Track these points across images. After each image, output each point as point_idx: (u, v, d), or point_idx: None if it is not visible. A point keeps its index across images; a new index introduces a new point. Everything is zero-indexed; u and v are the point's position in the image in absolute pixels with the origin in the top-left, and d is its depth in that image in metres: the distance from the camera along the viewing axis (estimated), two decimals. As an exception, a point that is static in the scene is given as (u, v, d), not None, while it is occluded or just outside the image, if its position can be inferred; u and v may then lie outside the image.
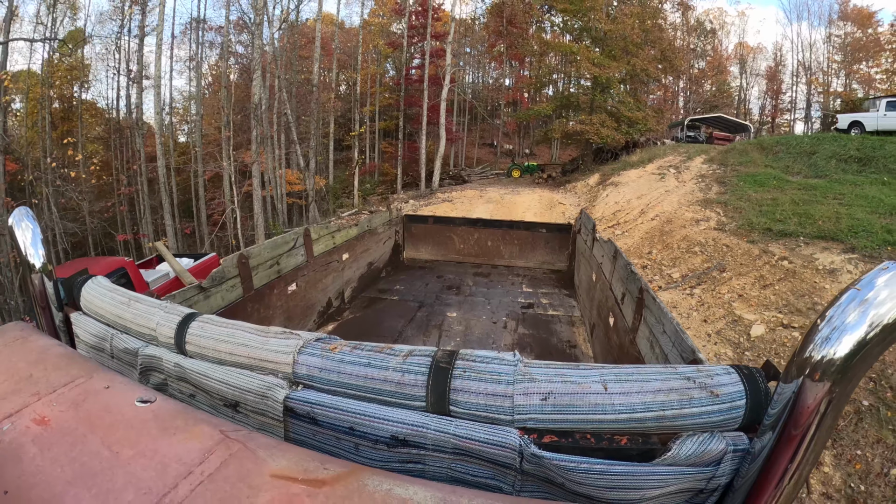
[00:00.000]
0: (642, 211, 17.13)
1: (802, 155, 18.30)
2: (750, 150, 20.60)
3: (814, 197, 13.16)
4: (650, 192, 18.98)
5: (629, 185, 21.44)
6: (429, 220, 8.59)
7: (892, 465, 5.07)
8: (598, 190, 23.82)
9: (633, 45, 34.35)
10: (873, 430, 5.43)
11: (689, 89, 57.55)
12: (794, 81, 56.19)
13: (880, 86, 48.21)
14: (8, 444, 1.04)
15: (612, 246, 3.84)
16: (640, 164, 24.12)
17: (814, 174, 16.19)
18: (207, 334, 1.39)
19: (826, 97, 49.75)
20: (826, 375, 0.85)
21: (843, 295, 0.88)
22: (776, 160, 18.44)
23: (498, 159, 45.86)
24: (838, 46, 52.98)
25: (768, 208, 12.63)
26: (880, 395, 5.79)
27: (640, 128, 32.49)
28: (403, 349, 1.23)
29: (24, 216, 1.63)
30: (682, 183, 18.36)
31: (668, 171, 20.66)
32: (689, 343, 1.73)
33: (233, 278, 3.26)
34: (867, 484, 4.99)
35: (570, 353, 4.36)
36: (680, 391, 1.04)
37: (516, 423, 1.07)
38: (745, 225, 11.87)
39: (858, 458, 5.21)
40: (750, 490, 0.99)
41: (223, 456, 0.96)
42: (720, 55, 60.40)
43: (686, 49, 55.01)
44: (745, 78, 60.14)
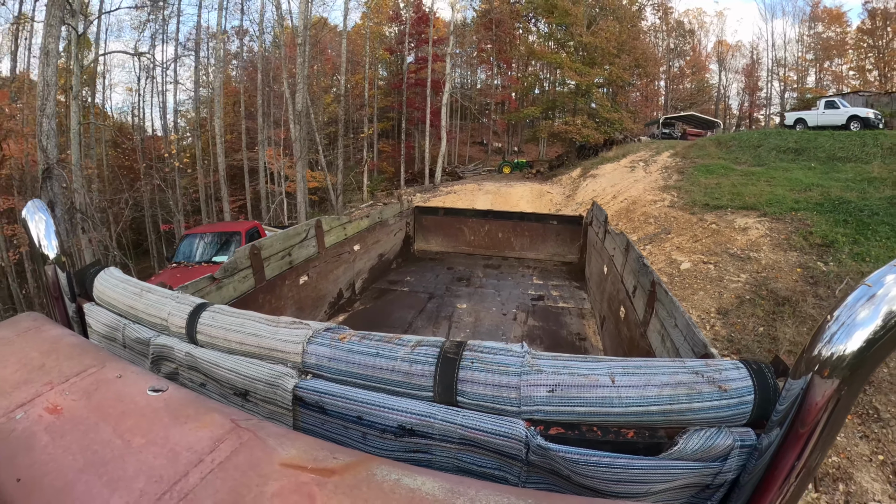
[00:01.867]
0: (614, 196, 20.20)
1: (750, 148, 21.50)
2: (708, 145, 23.53)
3: (750, 180, 16.01)
4: (621, 182, 21.89)
5: (605, 177, 24.54)
6: (439, 212, 8.21)
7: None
8: (579, 181, 26.83)
9: (610, 55, 35.65)
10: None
11: (669, 87, 57.35)
12: (769, 79, 56.25)
13: (853, 81, 48.76)
14: (21, 432, 1.01)
15: (625, 238, 3.67)
16: (616, 158, 27.01)
17: (756, 163, 19.06)
18: (218, 324, 1.36)
19: (800, 94, 49.77)
20: (835, 372, 0.81)
21: (853, 291, 0.84)
22: (728, 153, 21.36)
23: (489, 157, 46.16)
24: (809, 45, 53.39)
25: (711, 190, 15.54)
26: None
27: (617, 127, 34.77)
28: (412, 339, 1.19)
29: (38, 208, 1.59)
30: (649, 174, 21.05)
31: (639, 165, 23.43)
32: (701, 337, 1.66)
33: (245, 269, 3.15)
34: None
35: (580, 345, 4.17)
36: (688, 385, 0.99)
37: (523, 415, 1.04)
38: (690, 202, 14.90)
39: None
40: (756, 486, 0.95)
41: (234, 444, 0.93)
42: (699, 54, 60.20)
43: (666, 49, 55.54)
44: (724, 75, 59.95)
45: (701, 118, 38.49)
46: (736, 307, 8.61)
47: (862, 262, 9.13)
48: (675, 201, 15.65)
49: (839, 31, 52.53)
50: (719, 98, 60.54)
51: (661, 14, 55.52)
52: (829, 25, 52.50)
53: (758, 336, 7.69)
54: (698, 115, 39.99)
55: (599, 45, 36.13)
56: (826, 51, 52.76)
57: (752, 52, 59.52)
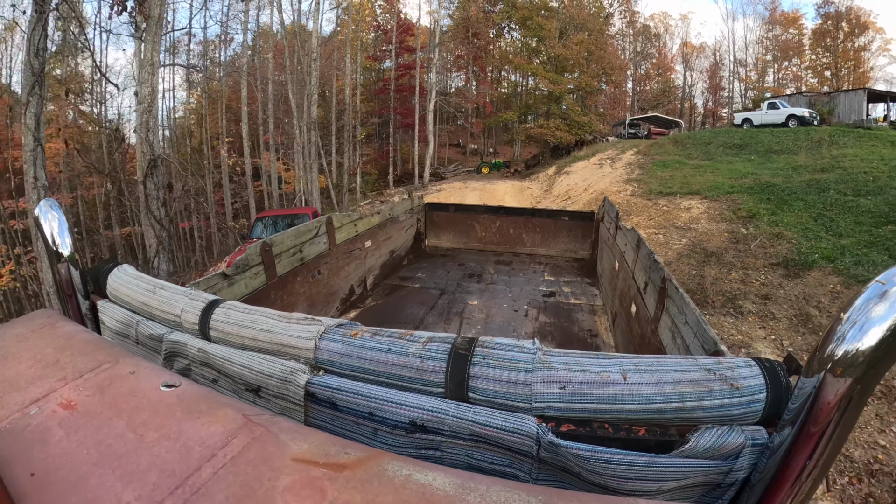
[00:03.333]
0: (585, 189, 20.96)
1: (702, 145, 22.37)
2: (667, 143, 24.36)
3: (698, 172, 17.39)
4: (591, 177, 22.44)
5: (577, 173, 24.90)
6: (450, 209, 7.50)
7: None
8: (554, 178, 27.11)
9: (579, 64, 35.86)
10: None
11: (636, 89, 55.97)
12: (731, 78, 55.30)
13: (811, 80, 48.65)
14: (35, 427, 0.92)
15: (636, 235, 3.39)
16: (586, 157, 27.36)
17: (706, 157, 20.10)
18: (231, 320, 1.24)
19: (759, 92, 48.95)
20: (848, 371, 0.73)
21: (865, 289, 0.75)
22: (683, 150, 22.15)
23: (467, 158, 44.83)
24: (768, 47, 52.75)
25: (665, 181, 16.85)
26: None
27: (587, 129, 34.96)
28: (423, 336, 1.09)
29: (51, 207, 1.47)
30: (615, 169, 21.76)
31: (606, 162, 24.05)
32: (712, 334, 1.53)
33: (256, 266, 2.92)
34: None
35: (592, 342, 3.83)
36: (700, 383, 0.90)
37: (534, 411, 0.94)
38: (648, 191, 16.17)
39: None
40: (768, 485, 0.86)
41: (246, 439, 0.84)
42: (664, 56, 58.57)
43: (633, 53, 54.37)
44: (689, 75, 58.49)
45: (664, 118, 38.42)
46: (676, 260, 10.31)
47: (775, 226, 10.79)
48: (636, 191, 16.90)
49: (796, 34, 51.80)
50: (684, 97, 58.43)
51: (628, 20, 54.41)
52: (787, 28, 52.41)
53: (690, 276, 9.40)
54: (661, 115, 40.05)
55: (570, 56, 36.30)
56: (784, 52, 51.91)
57: (715, 53, 57.91)
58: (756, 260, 9.66)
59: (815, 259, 8.89)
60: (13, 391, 1.01)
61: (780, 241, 10.10)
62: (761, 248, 10.10)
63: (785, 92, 44.56)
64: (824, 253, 9.05)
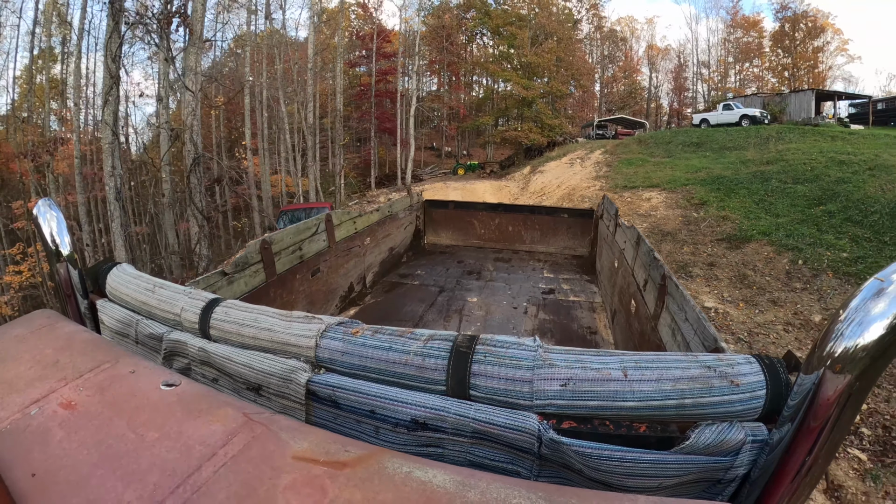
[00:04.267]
0: (558, 185, 21.47)
1: (663, 144, 22.80)
2: (632, 143, 24.82)
3: (659, 168, 17.95)
4: (563, 175, 22.92)
5: (550, 172, 25.15)
6: (449, 206, 7.03)
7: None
8: (530, 176, 27.35)
9: (550, 71, 35.82)
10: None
11: (603, 91, 54.73)
12: (695, 80, 54.44)
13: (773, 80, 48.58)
14: (35, 427, 0.85)
15: (635, 232, 3.19)
16: (558, 157, 27.58)
17: (666, 155, 20.49)
18: (231, 319, 1.16)
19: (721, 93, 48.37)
20: (847, 367, 0.69)
21: (865, 286, 0.71)
22: (646, 149, 22.54)
23: (442, 160, 43.61)
24: (730, 49, 52.10)
25: (630, 177, 17.53)
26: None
27: (558, 131, 34.64)
28: (424, 333, 1.02)
29: (49, 206, 1.37)
30: (585, 168, 22.27)
31: (577, 161, 24.40)
32: (712, 331, 1.44)
33: (255, 264, 2.72)
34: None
35: (591, 339, 3.62)
36: (700, 379, 0.84)
37: (535, 409, 0.88)
38: (614, 186, 16.88)
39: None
40: (767, 481, 0.81)
41: (246, 438, 0.79)
42: (631, 59, 57.13)
43: (601, 56, 53.30)
44: (654, 76, 57.07)
45: (630, 119, 38.39)
46: (637, 240, 11.37)
47: (722, 210, 11.85)
48: (604, 186, 17.50)
49: (756, 36, 50.85)
50: (650, 98, 56.67)
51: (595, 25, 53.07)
52: (748, 31, 51.50)
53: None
54: (628, 117, 40.02)
55: (541, 62, 36.22)
56: (745, 53, 51.03)
57: (680, 55, 56.05)
58: (705, 237, 10.77)
59: (753, 234, 10.00)
60: (13, 392, 0.94)
61: (726, 221, 11.17)
62: (709, 227, 11.20)
63: (746, 92, 44.40)
64: (762, 229, 10.11)
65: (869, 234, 8.79)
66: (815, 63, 46.55)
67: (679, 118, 51.75)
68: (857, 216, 9.59)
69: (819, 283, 7.80)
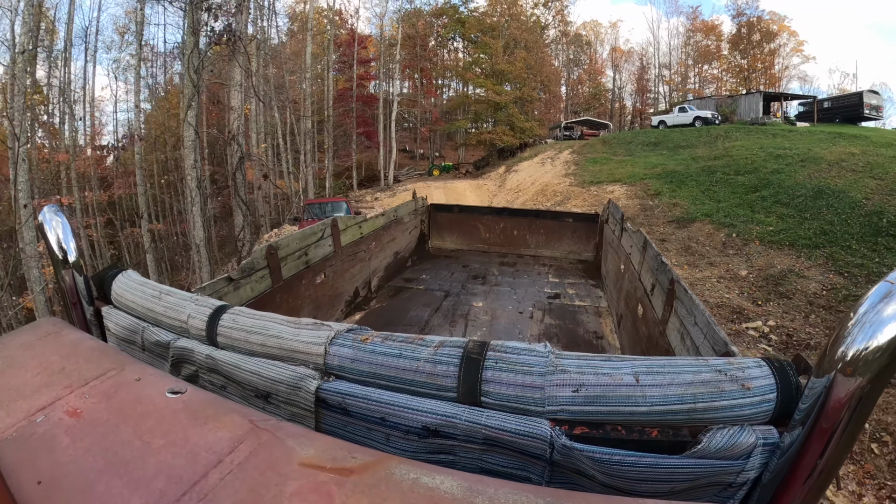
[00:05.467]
0: (532, 183, 21.68)
1: (625, 144, 23.12)
2: (597, 144, 25.08)
3: (621, 165, 18.42)
4: (536, 173, 23.10)
5: (524, 171, 25.33)
6: (454, 210, 6.45)
7: None
8: (505, 175, 27.43)
9: (521, 78, 35.71)
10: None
11: (569, 93, 53.06)
12: (657, 82, 53.22)
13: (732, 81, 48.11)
14: (41, 435, 0.78)
15: (642, 236, 2.96)
16: (530, 157, 27.72)
17: (627, 154, 20.81)
18: (239, 326, 1.06)
19: (682, 94, 47.77)
20: (858, 370, 0.63)
21: (875, 289, 0.64)
22: (610, 148, 22.86)
23: (417, 162, 42.05)
24: (689, 52, 51.15)
25: (595, 173, 17.97)
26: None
27: (529, 133, 34.48)
28: (434, 340, 0.93)
29: (54, 213, 1.25)
30: (555, 166, 22.48)
31: (547, 161, 24.50)
32: (722, 335, 1.32)
33: (262, 269, 2.50)
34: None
35: (597, 343, 3.32)
36: (711, 384, 0.77)
37: (547, 415, 0.80)
38: (582, 182, 17.44)
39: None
40: (778, 485, 0.74)
41: (253, 445, 0.72)
42: (595, 62, 55.07)
43: (567, 59, 51.85)
44: (618, 78, 55.18)
45: (595, 121, 37.96)
46: (603, 224, 11.97)
47: (673, 198, 12.72)
48: (573, 182, 18.06)
49: (714, 40, 49.54)
50: (614, 99, 54.48)
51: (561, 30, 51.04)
52: (707, 35, 50.22)
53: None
54: (592, 118, 39.48)
55: (513, 70, 36.00)
56: (704, 56, 49.78)
57: (642, 58, 54.10)
58: (658, 220, 11.67)
59: (697, 216, 10.95)
60: (19, 399, 0.86)
61: (676, 207, 12.03)
62: (662, 212, 12.12)
63: (705, 93, 44.06)
64: (705, 212, 11.05)
65: (793, 213, 9.73)
66: (770, 65, 46.18)
67: (642, 118, 49.90)
68: (786, 199, 10.49)
69: (748, 249, 8.81)
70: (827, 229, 8.56)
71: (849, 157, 12.43)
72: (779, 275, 7.53)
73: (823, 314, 6.37)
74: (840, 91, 37.71)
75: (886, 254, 7.46)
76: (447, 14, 40.76)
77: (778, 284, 7.30)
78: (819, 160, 12.56)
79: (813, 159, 12.79)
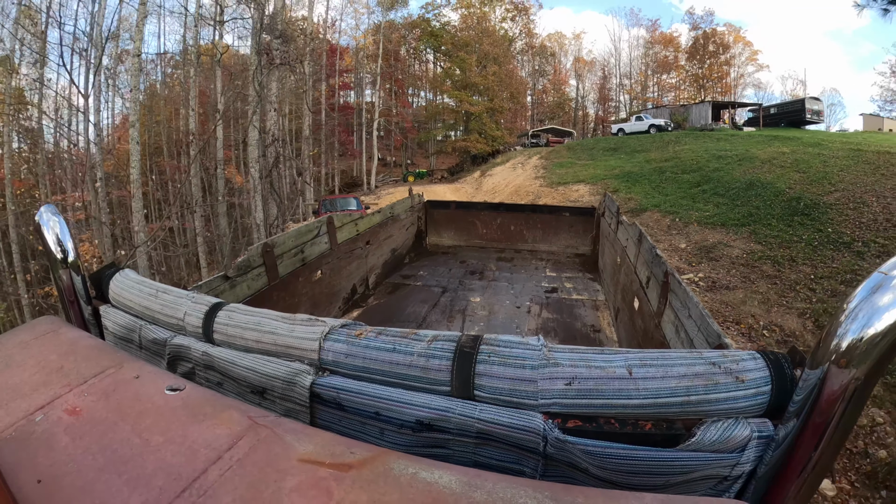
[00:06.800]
0: (506, 185, 21.76)
1: (588, 150, 23.25)
2: (562, 150, 25.20)
3: (584, 168, 18.70)
4: (509, 177, 23.18)
5: (498, 175, 25.35)
6: (451, 206, 5.97)
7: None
8: (481, 179, 27.75)
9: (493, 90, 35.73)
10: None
11: (535, 103, 51.33)
12: (618, 91, 51.92)
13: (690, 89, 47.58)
14: (41, 434, 0.71)
15: (637, 229, 2.74)
16: (503, 163, 27.66)
17: (590, 158, 20.98)
18: (234, 322, 0.97)
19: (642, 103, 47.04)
20: (852, 362, 0.58)
21: (868, 280, 0.59)
22: (574, 154, 23.00)
23: (390, 169, 39.98)
24: (649, 63, 50.17)
25: (562, 176, 18.28)
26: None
27: (500, 141, 34.52)
28: (428, 334, 0.85)
29: (51, 213, 1.14)
30: (526, 170, 22.50)
31: (518, 166, 24.48)
32: (715, 328, 1.23)
33: (258, 267, 2.30)
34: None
35: (595, 337, 3.07)
36: (705, 376, 0.71)
37: (540, 408, 0.73)
38: (551, 183, 17.75)
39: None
40: (773, 477, 0.68)
41: (252, 441, 0.65)
42: (559, 72, 53.00)
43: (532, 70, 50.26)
44: (581, 87, 53.23)
45: (560, 129, 37.19)
46: (568, 217, 12.40)
47: (629, 194, 13.17)
48: (543, 183, 18.36)
49: (672, 51, 48.21)
50: (578, 108, 51.83)
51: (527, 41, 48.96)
52: (666, 46, 48.85)
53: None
54: (558, 127, 38.78)
55: (487, 84, 35.81)
56: (663, 66, 48.45)
57: (604, 68, 51.83)
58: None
59: (648, 206, 11.62)
60: (18, 398, 0.78)
61: (631, 201, 12.44)
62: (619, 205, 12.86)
63: (664, 102, 43.63)
64: (654, 203, 11.76)
65: (727, 202, 10.48)
66: (725, 74, 45.71)
67: (604, 126, 48.76)
68: (722, 191, 11.24)
69: (688, 230, 9.55)
70: (753, 213, 9.27)
71: (780, 155, 13.00)
72: (710, 246, 8.42)
73: (742, 269, 7.29)
74: (792, 97, 37.49)
75: (799, 228, 8.21)
76: (419, 27, 39.99)
77: (709, 252, 8.17)
78: (754, 159, 13.15)
79: (749, 158, 13.37)
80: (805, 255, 7.20)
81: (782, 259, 7.25)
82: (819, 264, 6.86)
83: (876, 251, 6.87)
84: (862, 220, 7.94)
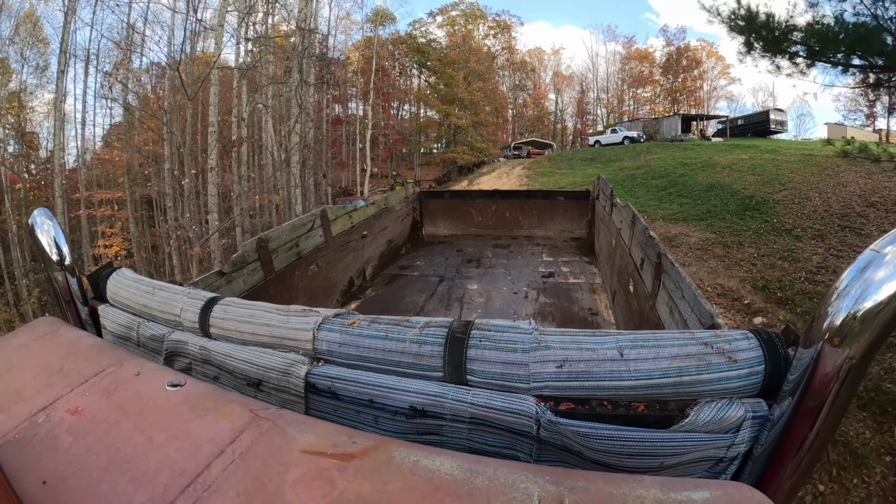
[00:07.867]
0: None
1: (567, 160, 23.63)
2: (544, 160, 25.44)
3: (564, 177, 18.82)
4: (496, 184, 22.74)
5: (485, 183, 24.99)
6: (445, 196, 5.67)
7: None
8: (469, 188, 27.99)
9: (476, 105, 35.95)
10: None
11: (515, 116, 50.16)
12: (595, 104, 50.81)
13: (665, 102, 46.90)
14: (44, 435, 0.67)
15: (631, 211, 2.58)
16: (489, 172, 27.44)
17: (569, 168, 21.22)
18: (230, 316, 0.92)
19: (618, 116, 46.36)
20: (845, 341, 0.54)
21: (860, 258, 0.55)
22: (555, 164, 23.24)
23: (378, 180, 38.21)
24: (625, 78, 49.34)
25: (544, 184, 18.20)
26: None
27: (485, 153, 34.67)
28: (420, 321, 0.81)
29: (45, 216, 1.09)
30: (511, 179, 22.59)
31: (504, 175, 24.44)
32: (708, 308, 1.15)
33: (253, 262, 2.18)
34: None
35: (592, 320, 2.90)
36: (697, 357, 0.66)
37: (532, 391, 0.70)
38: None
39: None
40: (770, 458, 0.64)
41: (254, 434, 0.62)
42: (539, 87, 51.68)
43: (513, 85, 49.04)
44: (560, 101, 51.88)
45: (540, 142, 37.12)
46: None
47: None
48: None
49: (647, 66, 47.03)
50: (556, 121, 50.31)
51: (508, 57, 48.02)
52: (641, 61, 47.60)
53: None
54: (538, 139, 38.64)
55: (473, 99, 35.96)
56: (638, 81, 47.32)
57: (582, 83, 50.29)
58: None
59: None
60: (20, 401, 0.74)
61: None
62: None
63: (639, 115, 43.20)
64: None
65: (689, 202, 11.10)
66: (697, 88, 45.49)
67: (582, 138, 47.17)
68: (686, 193, 11.94)
69: (653, 225, 9.61)
70: (711, 210, 10.07)
71: (739, 161, 13.82)
72: (672, 236, 9.06)
73: (697, 252, 8.04)
74: (763, 108, 37.11)
75: (749, 220, 9.01)
76: (406, 42, 39.92)
77: (671, 241, 8.83)
78: (716, 165, 13.98)
79: (711, 165, 14.15)
80: (751, 241, 8.10)
81: (731, 244, 8.14)
82: (762, 246, 7.79)
83: (812, 234, 7.82)
84: (804, 212, 8.85)
